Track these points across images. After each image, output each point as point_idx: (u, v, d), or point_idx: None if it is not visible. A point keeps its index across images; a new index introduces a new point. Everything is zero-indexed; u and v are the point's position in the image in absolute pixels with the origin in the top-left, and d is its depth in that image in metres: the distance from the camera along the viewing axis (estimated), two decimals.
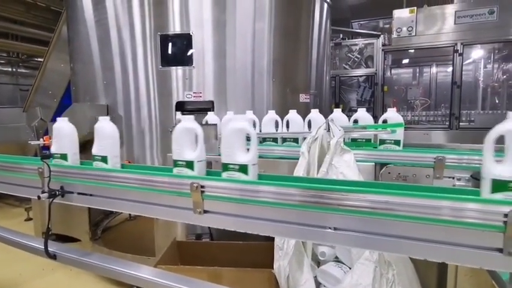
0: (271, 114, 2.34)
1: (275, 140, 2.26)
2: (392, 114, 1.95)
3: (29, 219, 4.19)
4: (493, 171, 0.82)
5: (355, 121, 2.10)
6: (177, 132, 1.25)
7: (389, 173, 1.83)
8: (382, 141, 1.92)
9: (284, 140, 2.24)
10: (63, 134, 1.54)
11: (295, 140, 2.19)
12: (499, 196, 0.81)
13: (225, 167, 1.17)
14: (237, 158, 1.15)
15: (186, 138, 1.25)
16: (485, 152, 0.84)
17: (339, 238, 0.96)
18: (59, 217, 2.85)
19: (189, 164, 1.22)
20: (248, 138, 1.17)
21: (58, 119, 1.56)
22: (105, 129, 1.47)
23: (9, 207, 4.92)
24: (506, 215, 0.74)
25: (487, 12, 4.57)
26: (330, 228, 0.96)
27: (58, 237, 2.99)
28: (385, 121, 1.95)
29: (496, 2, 4.54)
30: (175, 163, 1.24)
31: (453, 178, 1.71)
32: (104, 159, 1.43)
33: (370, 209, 0.90)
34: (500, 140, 0.85)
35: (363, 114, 2.10)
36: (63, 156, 1.53)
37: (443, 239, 0.82)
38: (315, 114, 2.20)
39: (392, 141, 1.89)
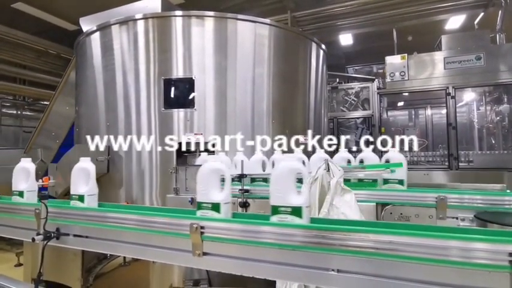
0: (259, 155, 2.36)
1: (265, 179, 2.23)
2: (394, 154, 1.93)
3: (19, 264, 4.00)
4: None
5: (361, 161, 2.10)
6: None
7: (391, 213, 1.80)
8: (386, 181, 1.90)
9: None
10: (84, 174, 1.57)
11: (299, 181, 2.18)
12: None
13: (275, 210, 1.11)
14: (289, 200, 1.09)
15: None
16: None
17: (342, 281, 0.92)
18: (49, 263, 2.72)
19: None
20: (300, 180, 1.13)
21: (81, 159, 1.56)
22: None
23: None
24: (511, 254, 0.73)
25: (474, 58, 4.82)
26: (333, 270, 0.93)
27: (47, 285, 2.83)
28: (387, 161, 1.94)
29: (482, 49, 4.82)
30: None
31: (457, 218, 1.68)
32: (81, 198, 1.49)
33: (374, 249, 0.88)
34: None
35: (368, 154, 2.10)
36: (81, 198, 1.52)
37: (449, 281, 0.79)
38: (321, 154, 2.17)
39: (396, 181, 1.86)
